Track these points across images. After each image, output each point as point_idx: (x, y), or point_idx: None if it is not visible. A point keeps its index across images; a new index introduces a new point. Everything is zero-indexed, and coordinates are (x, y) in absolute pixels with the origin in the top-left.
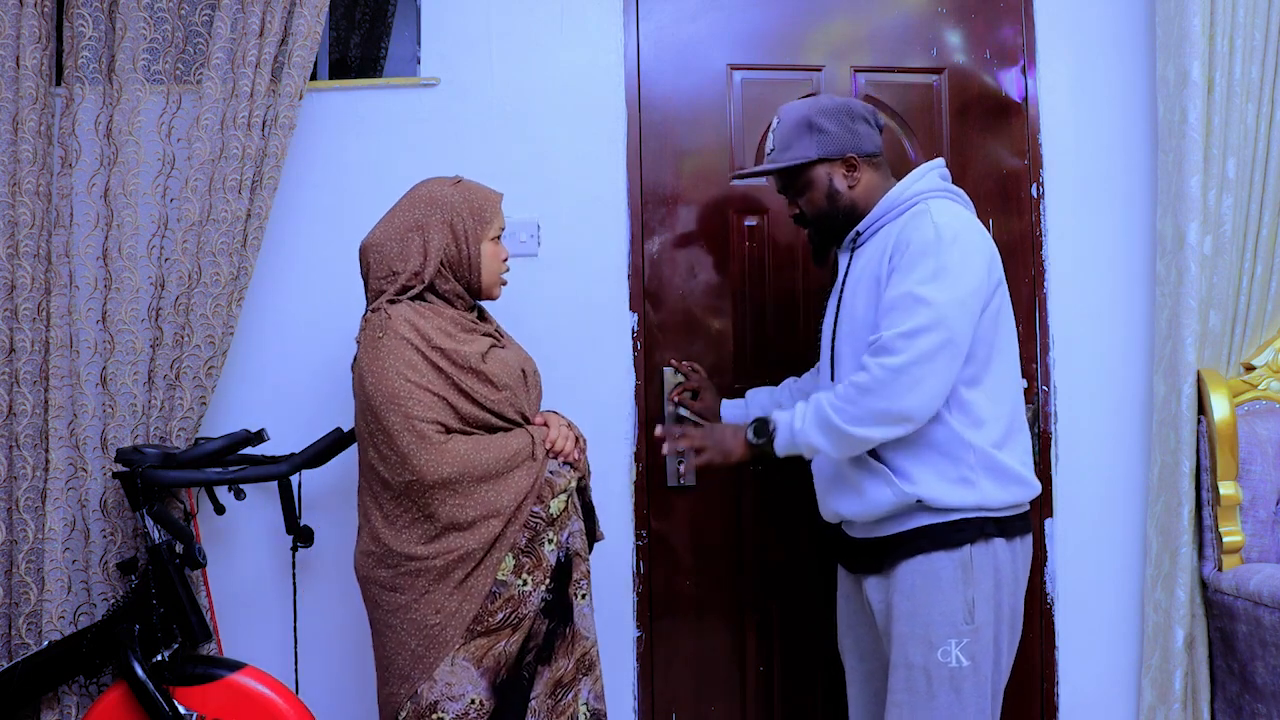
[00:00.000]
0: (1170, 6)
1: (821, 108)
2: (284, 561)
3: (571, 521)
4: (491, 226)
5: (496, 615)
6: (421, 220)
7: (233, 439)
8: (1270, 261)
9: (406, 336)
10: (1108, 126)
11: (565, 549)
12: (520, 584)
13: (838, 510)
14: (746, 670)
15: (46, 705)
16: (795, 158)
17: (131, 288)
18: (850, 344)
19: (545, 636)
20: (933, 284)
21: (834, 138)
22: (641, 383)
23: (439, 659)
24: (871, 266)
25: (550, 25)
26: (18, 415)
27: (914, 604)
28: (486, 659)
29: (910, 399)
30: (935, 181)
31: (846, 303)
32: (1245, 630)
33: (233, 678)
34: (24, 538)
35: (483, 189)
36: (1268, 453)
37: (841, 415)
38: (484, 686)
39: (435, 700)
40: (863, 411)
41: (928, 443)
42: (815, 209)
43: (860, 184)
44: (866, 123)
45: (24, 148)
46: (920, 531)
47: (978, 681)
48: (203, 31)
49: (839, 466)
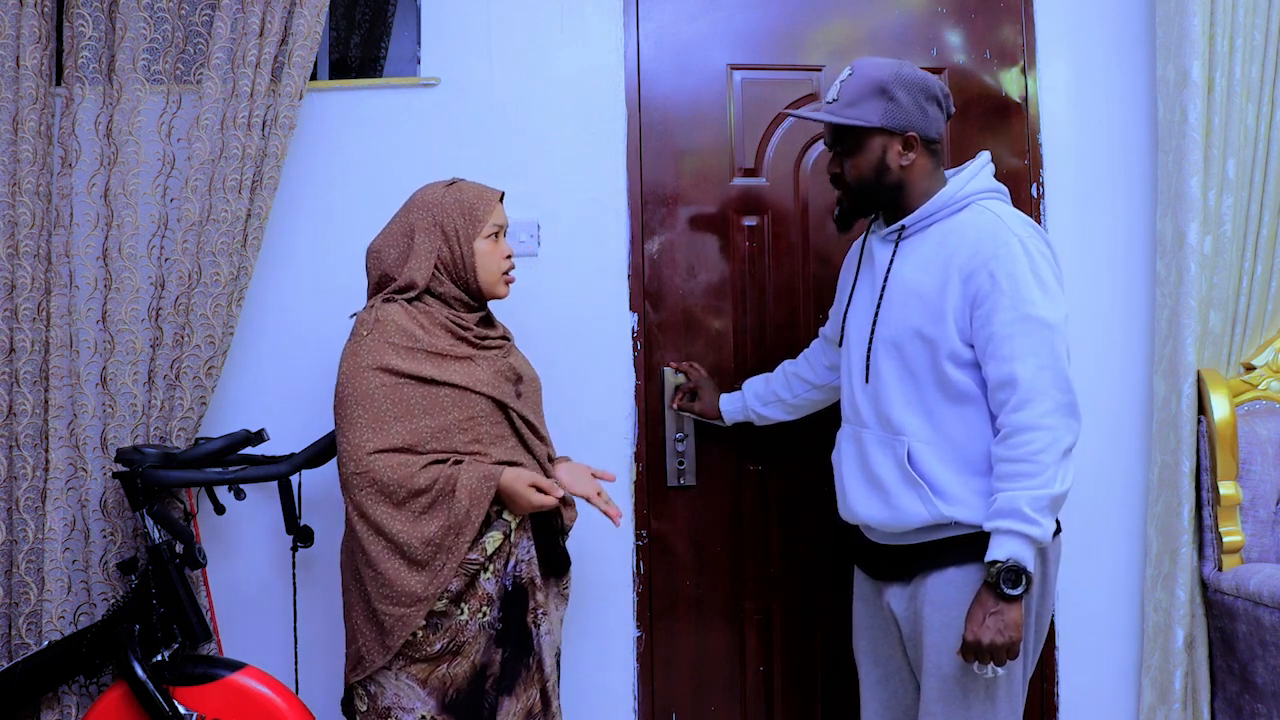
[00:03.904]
0: (1170, 7)
1: (901, 76)
2: (284, 561)
3: (519, 549)
4: (483, 224)
5: (435, 645)
6: (414, 224)
7: (233, 439)
8: (1270, 261)
9: (391, 339)
10: (1108, 126)
11: (512, 578)
12: (459, 613)
13: (862, 516)
14: (746, 670)
15: (46, 705)
16: (856, 118)
17: (131, 288)
18: (895, 344)
19: (503, 665)
20: (1045, 302)
21: (903, 111)
22: (641, 383)
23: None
24: (930, 272)
25: (550, 25)
26: (18, 415)
27: (947, 615)
28: (431, 680)
29: (1076, 422)
30: (988, 180)
31: (891, 299)
32: (1245, 630)
33: (233, 678)
34: (24, 538)
35: (477, 188)
36: (1268, 453)
37: (1049, 485)
38: (433, 705)
39: (389, 707)
40: (1057, 465)
41: (972, 462)
42: (859, 176)
43: (913, 166)
44: (939, 106)
45: (24, 148)
46: (953, 542)
47: (1010, 687)
48: (203, 31)
49: (868, 469)
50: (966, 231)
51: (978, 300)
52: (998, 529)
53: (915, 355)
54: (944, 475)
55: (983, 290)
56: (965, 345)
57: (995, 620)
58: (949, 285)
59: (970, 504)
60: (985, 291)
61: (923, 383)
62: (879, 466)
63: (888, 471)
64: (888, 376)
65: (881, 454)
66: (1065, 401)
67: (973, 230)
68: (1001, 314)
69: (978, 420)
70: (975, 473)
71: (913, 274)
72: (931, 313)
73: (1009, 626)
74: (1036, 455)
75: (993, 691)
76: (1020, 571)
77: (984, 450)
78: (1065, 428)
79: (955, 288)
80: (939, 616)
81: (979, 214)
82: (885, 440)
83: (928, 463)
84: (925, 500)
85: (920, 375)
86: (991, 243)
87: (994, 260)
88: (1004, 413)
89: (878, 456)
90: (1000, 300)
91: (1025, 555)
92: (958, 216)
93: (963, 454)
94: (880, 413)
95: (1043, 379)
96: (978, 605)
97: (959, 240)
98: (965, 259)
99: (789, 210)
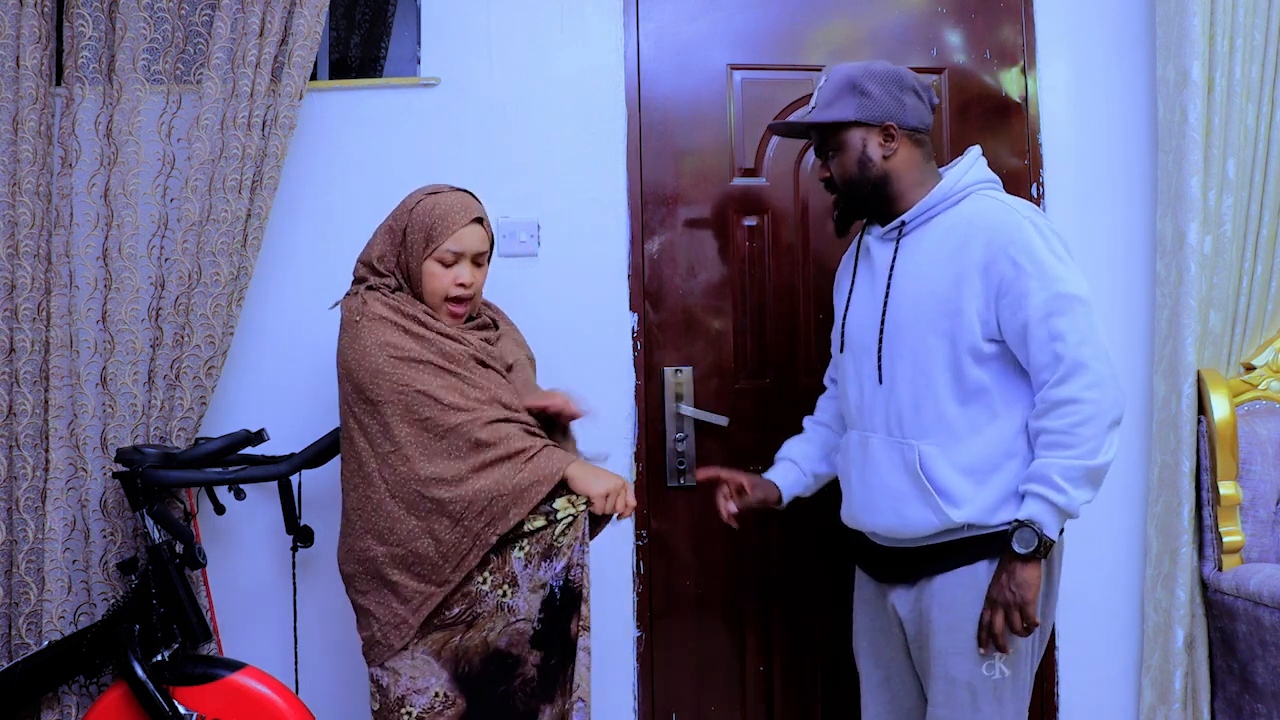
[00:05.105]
0: (1170, 7)
1: (870, 71)
2: (284, 561)
3: (573, 552)
4: (436, 247)
5: (453, 609)
6: (389, 223)
7: (233, 439)
8: (1270, 261)
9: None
10: (1108, 126)
11: (564, 580)
12: (480, 581)
13: (869, 524)
14: (746, 670)
15: (46, 705)
16: (832, 116)
17: (131, 288)
18: (906, 344)
19: (546, 673)
20: (1071, 278)
21: (876, 103)
22: (641, 383)
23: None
24: (940, 266)
25: (550, 25)
26: (18, 415)
27: (955, 617)
28: (445, 651)
29: (1119, 394)
30: (985, 171)
31: (898, 297)
32: (1245, 630)
33: (233, 678)
34: (24, 538)
35: (448, 206)
36: (1268, 453)
37: (1087, 457)
38: (446, 678)
39: (402, 695)
40: (1100, 438)
41: (984, 461)
42: (845, 174)
43: (896, 156)
44: (916, 95)
45: (24, 148)
46: (962, 544)
47: (1017, 688)
48: (203, 31)
49: (877, 476)
50: (974, 221)
51: (1003, 289)
52: (1026, 491)
53: (928, 354)
54: (954, 479)
55: (1007, 278)
56: (987, 340)
57: (1005, 577)
58: (965, 278)
59: (980, 504)
60: (1010, 278)
61: (936, 382)
62: (888, 473)
63: (897, 478)
64: (900, 377)
65: (890, 459)
66: (1107, 374)
67: (981, 218)
68: (1033, 297)
69: (990, 417)
70: (987, 471)
71: (920, 269)
72: (947, 308)
73: (1020, 586)
74: (1076, 428)
75: (1000, 694)
76: (1034, 533)
77: (997, 447)
78: (1110, 401)
79: (974, 280)
80: (946, 618)
81: (982, 202)
82: (895, 444)
83: (939, 468)
84: (935, 509)
85: (933, 375)
86: (1004, 228)
87: (1012, 245)
88: (1045, 389)
89: (886, 462)
90: (1029, 284)
91: (1046, 520)
92: (959, 207)
93: (975, 453)
94: (891, 415)
95: (1083, 354)
96: (999, 569)
97: (968, 230)
98: (980, 248)
99: (789, 210)
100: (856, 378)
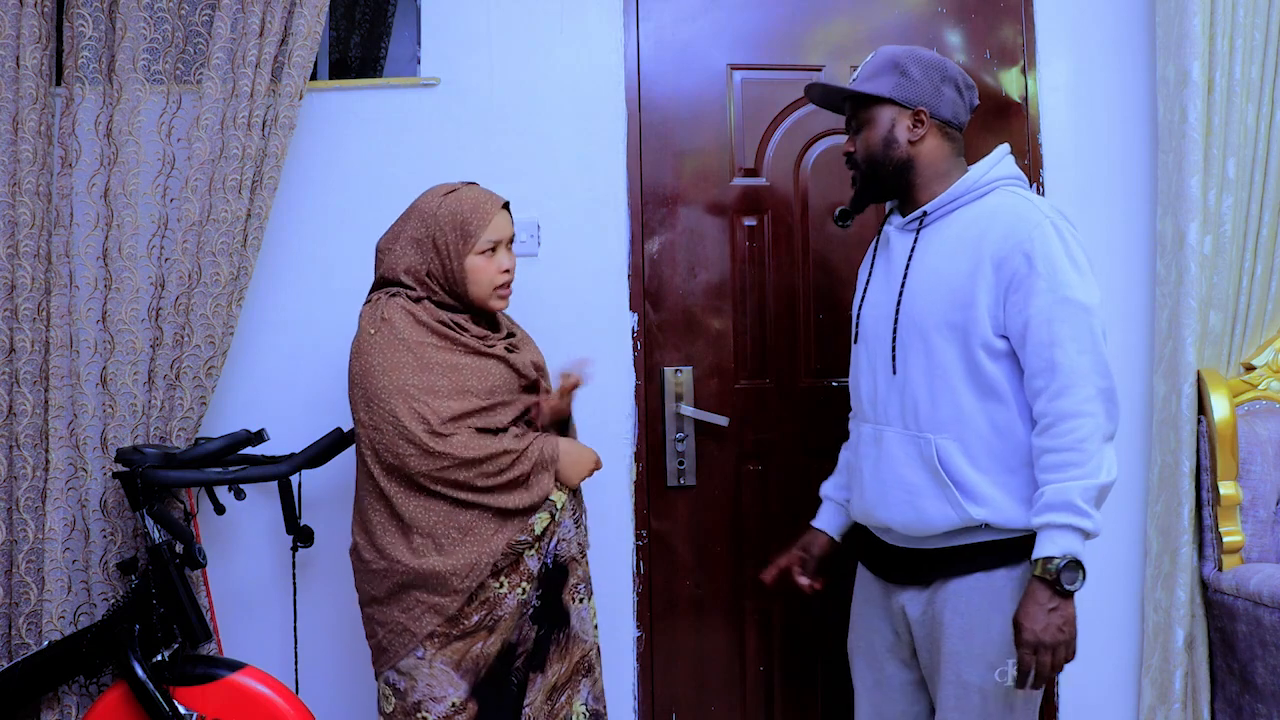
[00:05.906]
0: (1170, 7)
1: (915, 55)
2: (284, 561)
3: (562, 528)
4: (475, 240)
5: (472, 617)
6: (409, 232)
7: (233, 439)
8: (1270, 261)
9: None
10: (1108, 126)
11: (553, 556)
12: (497, 586)
13: (883, 519)
14: (746, 670)
15: (46, 705)
16: (867, 89)
17: (131, 288)
18: (921, 339)
19: (536, 643)
20: (1082, 285)
21: (914, 85)
22: (641, 383)
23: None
24: (958, 258)
25: (550, 25)
26: (18, 415)
27: (970, 622)
28: (465, 661)
29: (1116, 409)
30: (1012, 168)
31: (914, 287)
32: (1245, 630)
33: (233, 678)
34: (24, 538)
35: (475, 199)
36: (1268, 453)
37: (1095, 475)
38: (465, 688)
39: (419, 700)
40: (1100, 455)
41: (1002, 460)
42: (869, 150)
43: (923, 144)
44: (956, 89)
45: (24, 148)
46: (980, 548)
47: (1028, 695)
48: (203, 31)
49: (892, 470)
50: (996, 215)
51: (1013, 285)
52: (1050, 523)
53: (943, 346)
54: (973, 475)
55: (1018, 274)
56: (997, 336)
57: (1056, 617)
58: (980, 270)
59: (1000, 505)
60: (1021, 275)
61: (951, 375)
62: (904, 466)
63: (913, 472)
64: (914, 369)
65: (906, 453)
66: (1105, 387)
67: (1002, 213)
68: (1038, 298)
69: (1007, 416)
70: (1005, 470)
71: (938, 261)
72: (961, 300)
73: (1069, 623)
74: (1082, 443)
75: (1011, 699)
76: (1078, 564)
77: (1014, 447)
78: (1106, 414)
79: (987, 273)
80: (960, 622)
81: (1006, 197)
82: (911, 438)
83: (956, 462)
84: (953, 503)
85: (949, 367)
86: (1024, 225)
87: (1028, 243)
88: (1042, 400)
89: (902, 456)
90: (1037, 284)
91: (1079, 549)
92: (983, 200)
93: (992, 452)
94: (907, 408)
95: (1082, 364)
96: (1033, 604)
97: (989, 224)
98: (996, 243)
99: (789, 210)
100: (870, 369)
